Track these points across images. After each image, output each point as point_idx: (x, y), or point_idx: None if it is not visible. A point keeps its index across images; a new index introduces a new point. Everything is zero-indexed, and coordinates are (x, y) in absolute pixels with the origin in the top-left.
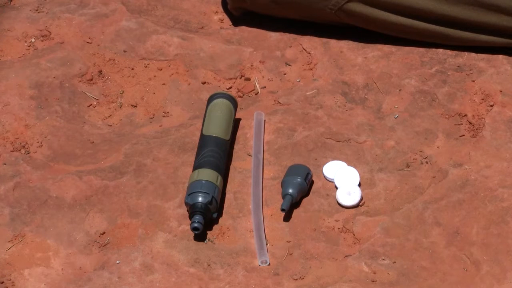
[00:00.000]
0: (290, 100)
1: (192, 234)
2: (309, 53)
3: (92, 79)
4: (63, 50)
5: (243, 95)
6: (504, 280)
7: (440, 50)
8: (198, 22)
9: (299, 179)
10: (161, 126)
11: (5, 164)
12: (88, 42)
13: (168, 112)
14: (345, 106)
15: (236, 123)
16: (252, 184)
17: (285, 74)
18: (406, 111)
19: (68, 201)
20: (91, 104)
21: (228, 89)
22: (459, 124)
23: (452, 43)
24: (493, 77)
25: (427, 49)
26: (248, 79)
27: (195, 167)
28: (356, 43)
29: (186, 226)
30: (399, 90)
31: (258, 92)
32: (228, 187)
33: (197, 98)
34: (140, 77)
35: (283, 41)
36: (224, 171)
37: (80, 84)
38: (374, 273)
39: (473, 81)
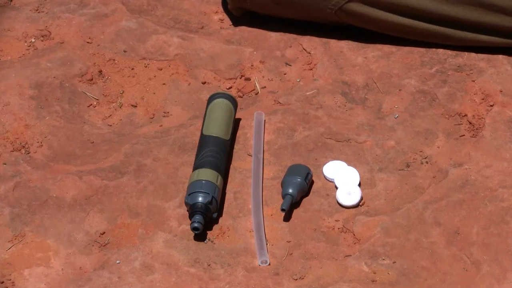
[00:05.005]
0: (290, 100)
1: (192, 234)
2: (309, 53)
3: (92, 79)
4: (63, 50)
5: (243, 95)
6: (504, 280)
7: (440, 50)
8: (198, 22)
9: (299, 179)
10: (161, 126)
11: (5, 164)
12: (88, 42)
13: (168, 112)
14: (345, 106)
15: (236, 123)
16: (252, 184)
17: (285, 74)
18: (406, 111)
19: (68, 201)
20: (91, 104)
21: (228, 89)
22: (459, 124)
23: (452, 43)
24: (493, 77)
25: (427, 49)
26: (248, 79)
27: (195, 167)
28: (356, 43)
29: (186, 226)
30: (399, 90)
31: (258, 92)
32: (228, 187)
33: (197, 98)
34: (140, 77)
35: (283, 41)
36: (224, 171)
37: (80, 84)
38: (374, 273)
39: (473, 81)
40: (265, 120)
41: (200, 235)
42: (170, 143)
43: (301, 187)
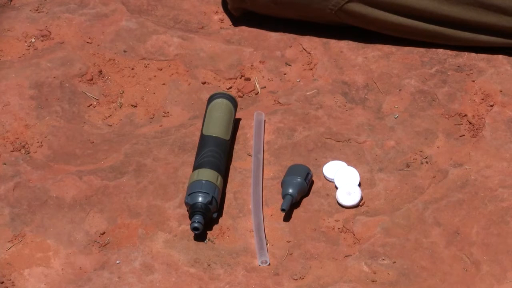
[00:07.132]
0: (290, 100)
1: (192, 234)
2: (309, 53)
3: (92, 79)
4: (63, 50)
5: (243, 95)
6: (504, 280)
7: (440, 50)
8: (198, 22)
9: (299, 179)
10: (161, 126)
11: (5, 164)
12: (88, 42)
13: (168, 112)
14: (345, 106)
15: (236, 123)
16: (252, 184)
17: (285, 74)
18: (406, 111)
19: (68, 201)
20: (91, 104)
21: (228, 89)
22: (459, 124)
23: (452, 43)
24: (493, 77)
25: (427, 49)
26: (248, 79)
27: (195, 167)
28: (356, 43)
29: (186, 226)
30: (399, 90)
31: (258, 92)
32: (228, 187)
33: (197, 98)
34: (140, 77)
35: (283, 41)
36: (224, 171)
37: (80, 84)
38: (374, 273)
39: (473, 81)
40: (265, 120)
41: (200, 235)
42: (170, 143)
43: (301, 187)
